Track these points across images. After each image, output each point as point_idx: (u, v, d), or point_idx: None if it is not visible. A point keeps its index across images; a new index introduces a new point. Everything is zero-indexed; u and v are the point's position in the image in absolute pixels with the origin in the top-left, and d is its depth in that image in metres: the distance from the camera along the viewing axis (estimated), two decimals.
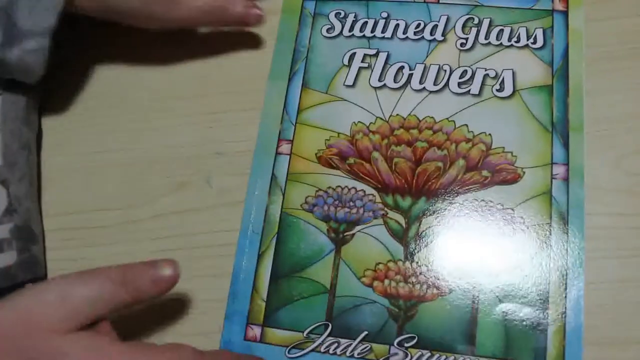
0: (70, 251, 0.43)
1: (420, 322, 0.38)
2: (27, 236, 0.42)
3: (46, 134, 0.47)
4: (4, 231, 0.40)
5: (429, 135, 0.42)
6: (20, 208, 0.42)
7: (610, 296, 0.38)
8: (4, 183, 0.41)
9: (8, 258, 0.40)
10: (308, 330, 0.39)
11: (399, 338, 0.38)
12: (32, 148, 0.45)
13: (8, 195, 0.41)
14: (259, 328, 0.39)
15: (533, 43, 0.43)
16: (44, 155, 0.46)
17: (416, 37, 0.44)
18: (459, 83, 0.43)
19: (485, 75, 0.42)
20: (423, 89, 0.43)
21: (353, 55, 0.45)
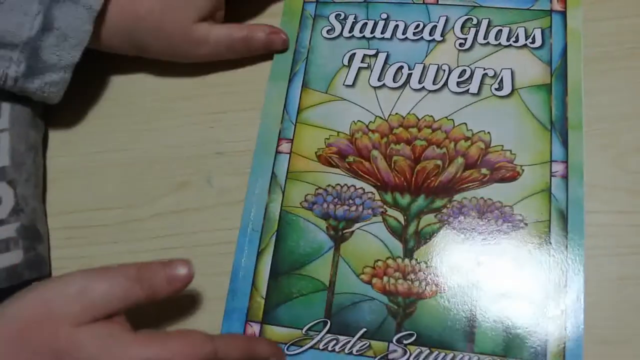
0: (71, 250, 0.44)
1: (419, 319, 0.38)
2: (33, 236, 0.42)
3: (48, 135, 0.47)
4: (11, 230, 0.41)
5: (428, 133, 0.42)
6: (26, 208, 0.42)
7: (609, 294, 0.38)
8: (11, 183, 0.42)
9: (14, 257, 0.40)
10: (307, 327, 0.39)
11: (398, 335, 0.38)
12: (39, 150, 0.45)
13: (15, 195, 0.42)
14: (258, 325, 0.39)
15: (532, 43, 0.43)
16: (47, 155, 0.47)
17: (415, 38, 0.45)
18: (458, 82, 0.43)
19: (484, 74, 0.43)
20: (422, 89, 0.43)
21: (353, 55, 0.45)
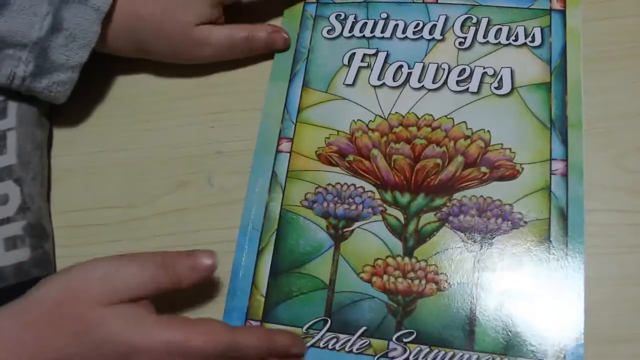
0: (72, 249, 0.44)
1: (419, 318, 0.38)
2: (40, 234, 0.42)
3: (51, 134, 0.47)
4: (18, 228, 0.41)
5: (428, 132, 0.42)
6: (33, 206, 0.42)
7: (609, 293, 0.38)
8: (18, 181, 0.42)
9: (22, 254, 0.41)
10: (307, 325, 0.39)
11: (398, 333, 0.38)
12: (44, 149, 0.45)
13: (22, 193, 0.42)
14: (258, 324, 0.39)
15: (531, 42, 0.43)
16: (50, 154, 0.47)
17: (415, 37, 0.45)
18: (458, 81, 0.43)
19: (483, 73, 0.43)
20: (422, 87, 0.43)
21: (353, 55, 0.45)
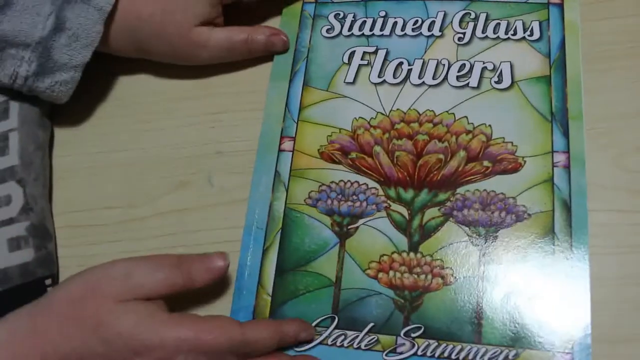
0: (72, 249, 0.44)
1: (426, 312, 0.38)
2: (43, 234, 0.42)
3: (52, 135, 0.47)
4: (21, 229, 0.41)
5: (430, 128, 0.42)
6: (36, 207, 0.42)
7: (609, 293, 0.37)
8: (21, 182, 0.42)
9: (26, 255, 0.41)
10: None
11: (406, 328, 0.38)
12: (46, 149, 0.46)
13: (24, 194, 0.42)
14: None
15: (530, 35, 0.43)
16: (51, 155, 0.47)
17: (414, 34, 0.45)
18: (458, 76, 0.43)
19: (483, 68, 0.43)
20: (422, 84, 0.43)
21: (353, 53, 0.45)
